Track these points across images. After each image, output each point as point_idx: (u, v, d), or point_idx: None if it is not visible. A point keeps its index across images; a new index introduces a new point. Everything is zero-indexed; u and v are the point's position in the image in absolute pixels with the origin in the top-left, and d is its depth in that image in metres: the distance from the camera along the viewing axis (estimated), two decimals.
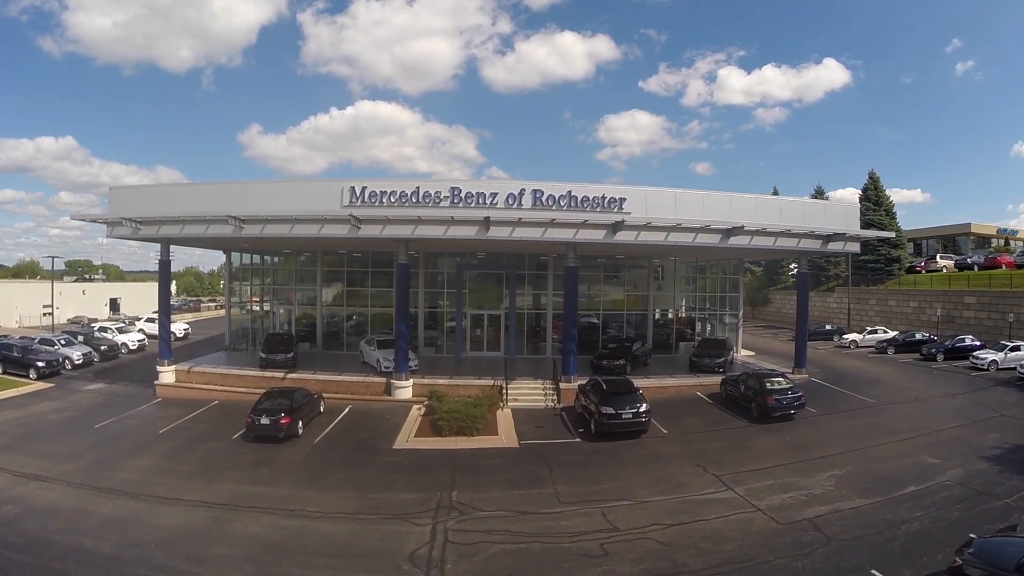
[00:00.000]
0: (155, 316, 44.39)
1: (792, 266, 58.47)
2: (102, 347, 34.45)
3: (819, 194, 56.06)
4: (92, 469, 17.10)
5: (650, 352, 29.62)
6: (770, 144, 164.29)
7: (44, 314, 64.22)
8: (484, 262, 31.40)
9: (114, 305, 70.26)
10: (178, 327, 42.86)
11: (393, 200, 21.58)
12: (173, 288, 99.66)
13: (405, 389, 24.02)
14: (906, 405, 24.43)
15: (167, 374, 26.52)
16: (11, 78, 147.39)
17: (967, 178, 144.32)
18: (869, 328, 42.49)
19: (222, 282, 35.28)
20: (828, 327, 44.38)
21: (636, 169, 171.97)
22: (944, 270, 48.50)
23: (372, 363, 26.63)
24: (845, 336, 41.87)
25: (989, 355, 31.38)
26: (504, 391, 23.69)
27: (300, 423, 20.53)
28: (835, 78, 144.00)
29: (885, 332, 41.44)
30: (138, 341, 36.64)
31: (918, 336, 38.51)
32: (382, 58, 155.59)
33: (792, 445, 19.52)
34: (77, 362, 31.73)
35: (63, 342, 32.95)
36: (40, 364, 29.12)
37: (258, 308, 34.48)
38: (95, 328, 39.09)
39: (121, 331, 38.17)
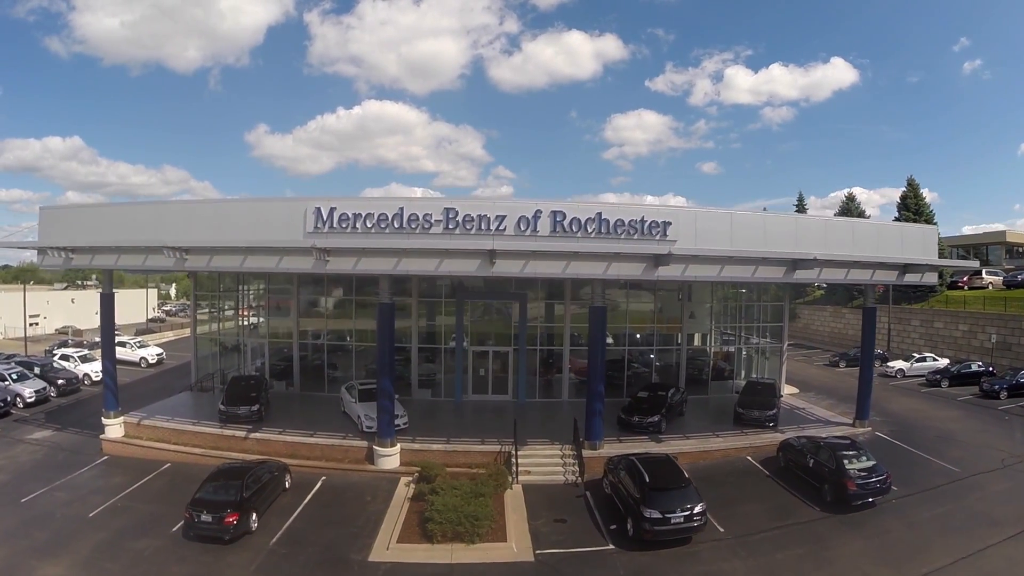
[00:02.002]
0: (126, 339, 39.62)
1: None
2: (59, 381, 29.48)
3: (850, 200, 50.10)
4: None
5: (686, 398, 24.09)
6: (777, 143, 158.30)
7: (31, 324, 59.41)
8: (489, 288, 25.81)
9: None
10: (151, 352, 37.69)
11: (370, 225, 16.19)
12: (172, 291, 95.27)
13: (391, 458, 18.72)
14: (995, 476, 19.27)
15: (114, 427, 21.66)
16: (19, 78, 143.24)
17: (973, 177, 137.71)
18: (917, 355, 36.82)
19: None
20: None
21: (643, 168, 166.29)
22: (990, 287, 42.78)
23: (353, 417, 21.31)
24: (890, 363, 36.24)
25: None
26: (514, 460, 18.37)
27: (254, 515, 15.48)
28: (843, 77, 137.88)
29: (935, 360, 35.84)
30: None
31: (974, 367, 32.99)
32: (389, 58, 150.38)
33: (885, 552, 14.43)
34: (29, 400, 27.17)
35: (15, 376, 28.03)
36: None
37: (231, 328, 29.00)
38: (55, 356, 33.88)
39: (84, 359, 33.01)
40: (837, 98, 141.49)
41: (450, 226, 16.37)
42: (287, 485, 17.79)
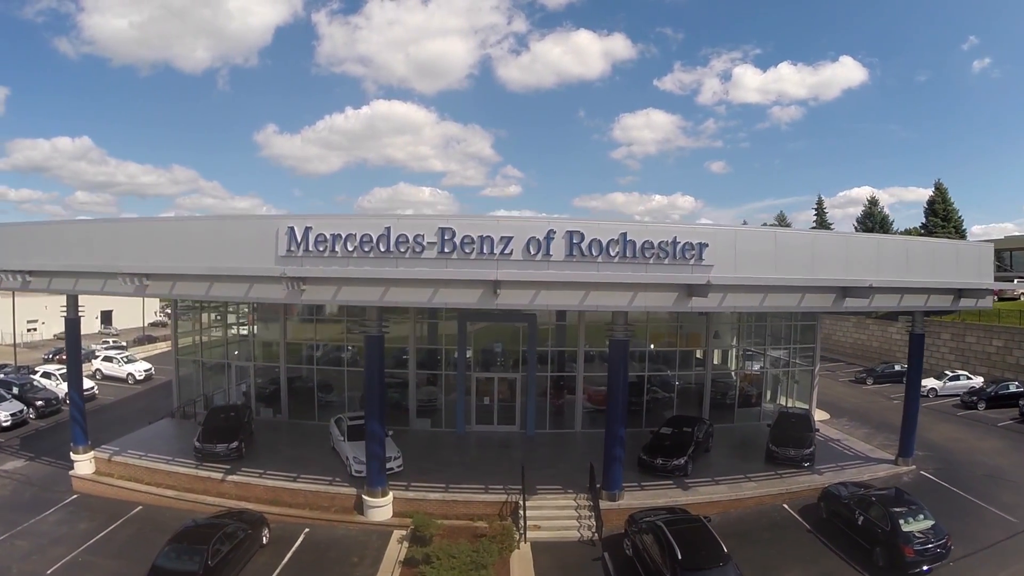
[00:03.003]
0: (113, 354, 37.33)
1: None
2: (38, 402, 27.09)
3: (873, 204, 47.04)
4: None
5: (712, 431, 21.33)
6: (786, 143, 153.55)
7: (28, 330, 57.20)
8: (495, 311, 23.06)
9: (106, 318, 63.28)
10: (138, 367, 35.19)
11: (352, 248, 13.56)
12: None
13: (382, 509, 16.18)
14: None
15: (83, 463, 19.29)
16: (28, 79, 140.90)
17: (980, 177, 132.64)
18: (950, 373, 33.95)
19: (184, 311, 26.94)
20: (898, 367, 35.63)
21: (651, 168, 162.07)
22: (1021, 297, 39.85)
23: (342, 457, 18.75)
24: (921, 382, 33.27)
25: None
26: (521, 512, 15.81)
27: None
28: (852, 76, 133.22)
29: (969, 378, 32.99)
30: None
31: (1012, 387, 30.17)
32: (397, 58, 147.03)
33: None
34: (5, 424, 24.88)
35: None
36: None
37: (217, 340, 26.39)
38: (36, 375, 31.50)
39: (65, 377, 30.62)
40: (846, 97, 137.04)
41: (446, 249, 13.68)
42: (264, 541, 15.34)
